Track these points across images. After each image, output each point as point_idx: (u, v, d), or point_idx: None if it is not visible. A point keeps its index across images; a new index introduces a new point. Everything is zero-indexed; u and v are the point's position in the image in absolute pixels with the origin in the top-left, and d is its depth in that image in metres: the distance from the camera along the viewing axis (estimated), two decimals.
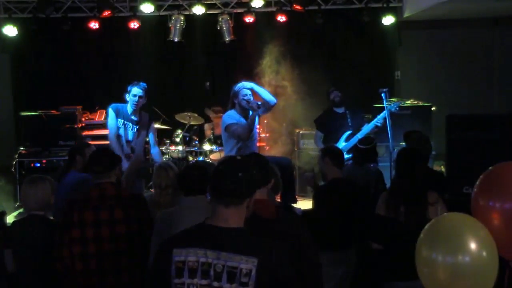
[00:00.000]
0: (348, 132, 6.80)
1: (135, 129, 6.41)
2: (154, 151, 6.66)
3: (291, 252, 2.86)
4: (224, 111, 6.61)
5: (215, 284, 2.34)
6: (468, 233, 2.56)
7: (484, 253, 2.52)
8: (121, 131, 6.38)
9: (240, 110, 6.26)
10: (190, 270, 2.36)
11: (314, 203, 4.80)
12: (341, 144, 6.79)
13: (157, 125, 8.55)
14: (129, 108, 6.36)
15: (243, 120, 6.23)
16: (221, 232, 2.39)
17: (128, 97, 6.34)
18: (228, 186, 2.39)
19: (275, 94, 6.79)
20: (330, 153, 4.77)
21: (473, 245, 2.52)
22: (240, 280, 2.32)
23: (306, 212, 5.69)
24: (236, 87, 6.29)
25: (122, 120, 6.36)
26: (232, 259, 2.34)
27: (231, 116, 6.28)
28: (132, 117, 6.39)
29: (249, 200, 2.46)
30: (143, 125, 6.45)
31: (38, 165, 8.20)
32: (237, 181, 2.39)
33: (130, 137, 6.41)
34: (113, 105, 6.43)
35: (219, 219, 2.42)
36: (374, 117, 7.02)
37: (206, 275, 2.35)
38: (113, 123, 6.33)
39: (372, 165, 5.61)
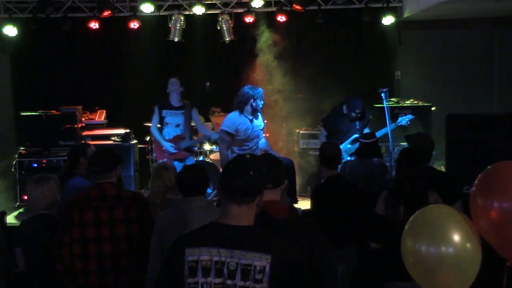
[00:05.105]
0: (355, 135, 6.77)
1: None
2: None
3: (305, 252, 2.86)
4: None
5: (229, 282, 2.35)
6: (451, 225, 2.64)
7: (467, 244, 2.59)
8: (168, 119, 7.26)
9: (249, 112, 6.45)
10: (204, 269, 2.37)
11: (312, 202, 4.82)
12: (346, 146, 6.78)
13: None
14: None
15: (249, 124, 6.43)
16: (233, 230, 2.40)
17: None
18: (240, 184, 2.39)
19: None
20: (322, 157, 4.79)
21: (455, 236, 2.60)
22: (254, 277, 2.33)
23: (306, 212, 5.70)
24: (255, 91, 6.46)
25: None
26: (246, 257, 2.34)
27: (234, 121, 6.41)
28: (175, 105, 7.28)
29: (259, 197, 2.47)
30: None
31: (38, 165, 8.21)
32: (248, 179, 2.40)
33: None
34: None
35: (231, 217, 2.43)
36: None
37: (220, 274, 2.35)
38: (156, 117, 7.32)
39: (376, 159, 5.62)
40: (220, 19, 9.06)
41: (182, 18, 9.06)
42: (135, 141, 8.35)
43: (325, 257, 3.09)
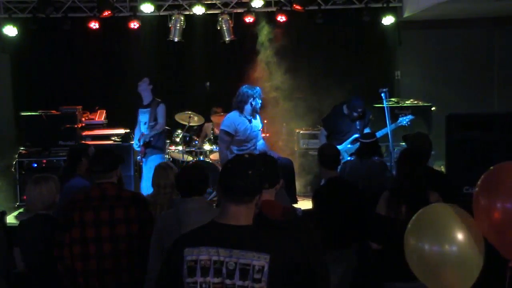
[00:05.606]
0: (355, 136, 6.77)
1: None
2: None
3: (304, 252, 2.87)
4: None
5: (228, 281, 2.35)
6: (454, 223, 2.65)
7: (470, 242, 2.60)
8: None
9: (248, 112, 6.47)
10: (203, 269, 2.37)
11: (314, 203, 4.82)
12: (346, 146, 6.77)
13: None
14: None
15: (248, 125, 6.44)
16: (232, 230, 2.41)
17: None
18: (239, 184, 2.40)
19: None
20: (321, 158, 4.79)
21: (458, 235, 2.61)
22: (253, 277, 2.34)
23: (306, 212, 5.69)
24: (254, 90, 6.49)
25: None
26: (245, 256, 2.35)
27: (234, 121, 6.40)
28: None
29: (258, 197, 2.47)
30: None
31: (38, 165, 8.20)
32: (247, 178, 2.41)
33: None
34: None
35: (230, 217, 2.43)
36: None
37: (219, 273, 2.36)
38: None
39: (376, 158, 5.62)
40: (220, 19, 9.06)
41: (182, 18, 9.06)
42: None
43: (322, 258, 3.10)
